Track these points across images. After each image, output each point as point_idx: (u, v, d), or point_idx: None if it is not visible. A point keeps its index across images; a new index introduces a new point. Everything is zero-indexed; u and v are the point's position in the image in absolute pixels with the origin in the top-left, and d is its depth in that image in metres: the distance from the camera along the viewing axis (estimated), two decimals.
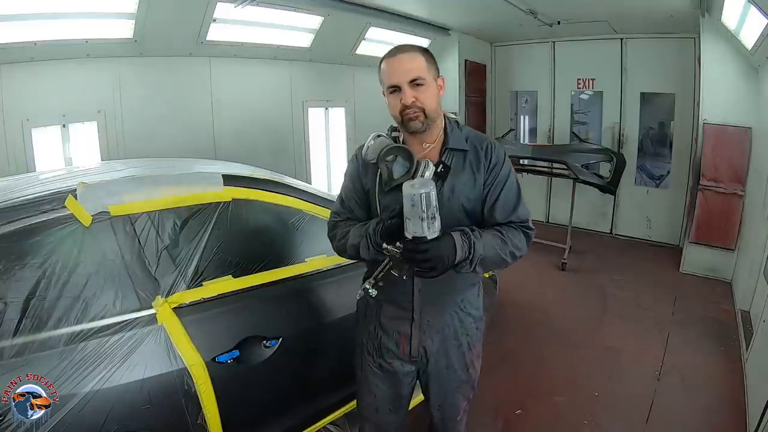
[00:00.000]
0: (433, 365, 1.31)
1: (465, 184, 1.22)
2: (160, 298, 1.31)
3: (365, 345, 1.37)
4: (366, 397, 1.39)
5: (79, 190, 1.26)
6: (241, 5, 3.06)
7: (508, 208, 1.23)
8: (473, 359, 1.35)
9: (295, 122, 4.15)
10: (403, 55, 1.17)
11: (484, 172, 1.23)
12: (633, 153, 4.78)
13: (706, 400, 2.27)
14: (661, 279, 3.84)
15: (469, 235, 1.13)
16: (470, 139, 1.26)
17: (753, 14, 2.71)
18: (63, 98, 2.79)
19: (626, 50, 4.71)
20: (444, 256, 1.07)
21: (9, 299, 1.11)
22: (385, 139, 1.25)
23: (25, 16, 2.44)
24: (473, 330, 1.33)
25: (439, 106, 1.23)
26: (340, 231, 1.29)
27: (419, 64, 1.17)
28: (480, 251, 1.13)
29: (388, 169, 1.18)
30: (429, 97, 1.18)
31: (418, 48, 1.21)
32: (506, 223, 1.23)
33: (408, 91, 1.16)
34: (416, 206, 1.02)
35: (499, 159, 1.24)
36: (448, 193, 1.21)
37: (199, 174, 1.58)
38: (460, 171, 1.23)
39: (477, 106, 5.58)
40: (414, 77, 1.16)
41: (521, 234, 1.23)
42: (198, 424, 1.31)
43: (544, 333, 2.93)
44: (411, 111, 1.17)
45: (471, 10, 4.31)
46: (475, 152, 1.24)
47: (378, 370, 1.34)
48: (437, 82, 1.22)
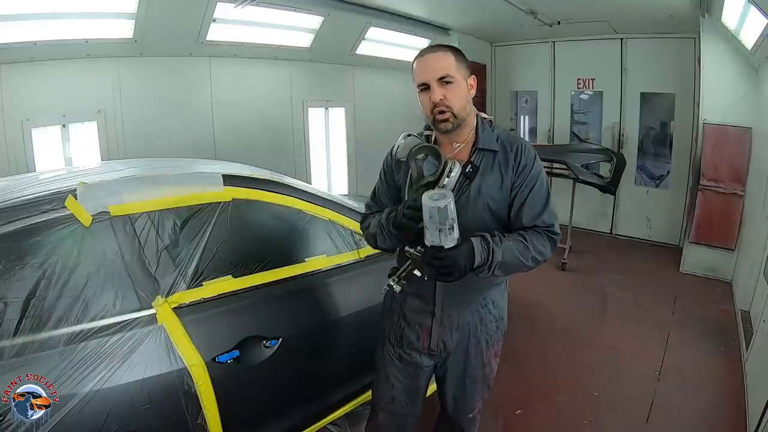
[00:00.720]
0: (451, 360, 1.34)
1: (492, 185, 1.23)
2: (160, 298, 1.31)
3: (388, 335, 1.39)
4: (383, 386, 1.40)
5: (79, 190, 1.26)
6: (241, 5, 3.06)
7: (534, 212, 1.23)
8: (491, 358, 1.37)
9: (295, 122, 4.15)
10: (433, 54, 1.20)
11: (513, 174, 1.23)
12: (633, 153, 4.78)
13: (706, 400, 2.27)
14: (661, 279, 3.84)
15: (489, 241, 1.14)
16: (501, 139, 1.26)
17: (753, 14, 2.71)
18: (63, 98, 2.79)
19: (626, 50, 4.71)
20: (461, 264, 1.10)
21: (9, 299, 1.11)
22: (416, 138, 1.26)
23: (25, 16, 2.44)
24: (493, 329, 1.35)
25: (470, 106, 1.24)
26: (367, 222, 1.36)
27: (449, 62, 1.18)
28: (499, 257, 1.14)
29: (418, 167, 1.19)
30: (457, 96, 1.19)
31: (449, 47, 1.22)
32: (532, 227, 1.23)
33: (437, 88, 1.18)
34: (434, 218, 1.05)
35: (529, 161, 1.24)
36: (475, 193, 1.22)
37: (199, 174, 1.58)
38: (489, 171, 1.23)
39: (477, 106, 5.40)
40: (443, 75, 1.17)
41: (545, 239, 1.23)
42: (198, 424, 1.31)
43: (544, 333, 2.93)
44: (440, 110, 1.18)
45: (471, 10, 4.30)
46: (504, 153, 1.24)
47: (398, 360, 1.36)
48: (468, 81, 1.23)
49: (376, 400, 1.44)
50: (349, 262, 1.77)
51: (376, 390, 1.44)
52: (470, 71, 1.24)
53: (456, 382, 1.37)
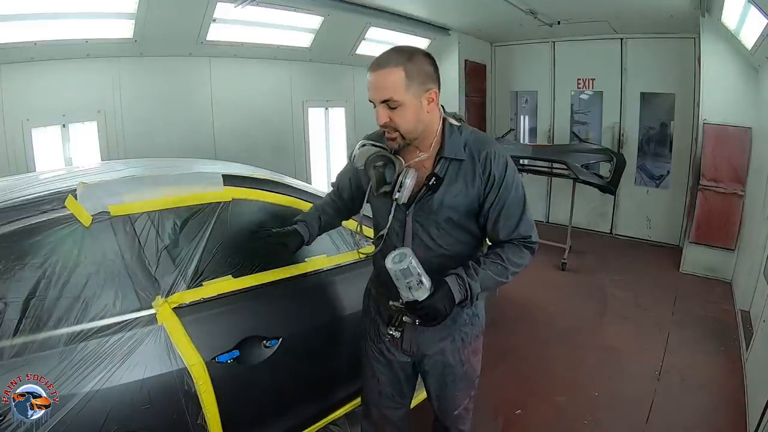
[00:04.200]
0: (429, 360, 1.33)
1: (456, 197, 1.18)
2: (160, 298, 1.31)
3: (368, 331, 1.41)
4: (370, 381, 1.42)
5: (79, 190, 1.26)
6: (241, 5, 3.06)
7: (510, 226, 1.20)
8: (469, 356, 1.35)
9: (295, 122, 4.15)
10: (380, 72, 1.09)
11: (480, 185, 1.18)
12: (633, 153, 4.78)
13: (706, 400, 2.27)
14: (661, 279, 3.84)
15: (464, 278, 1.14)
16: (469, 145, 1.18)
17: (753, 14, 2.71)
18: (63, 98, 2.79)
19: (626, 50, 4.71)
20: (441, 308, 1.12)
21: (9, 299, 1.11)
22: (371, 147, 1.22)
23: (25, 16, 2.44)
24: (468, 326, 1.33)
25: (428, 118, 1.15)
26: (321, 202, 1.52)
27: (395, 82, 1.07)
28: (477, 289, 1.15)
29: (378, 174, 1.18)
30: (404, 119, 1.11)
31: (403, 60, 1.08)
32: (508, 240, 1.22)
33: (381, 111, 1.11)
34: (400, 279, 1.10)
35: (499, 171, 1.16)
36: (437, 206, 1.19)
37: (199, 174, 1.58)
38: (453, 181, 1.18)
39: (477, 106, 5.58)
40: (386, 98, 1.09)
41: (522, 249, 1.21)
42: (198, 424, 1.31)
43: (544, 333, 2.93)
44: (387, 131, 1.15)
45: (471, 10, 4.31)
46: (471, 162, 1.17)
47: (380, 356, 1.38)
48: (425, 96, 1.12)
49: (365, 396, 1.46)
50: (349, 261, 1.77)
51: (364, 386, 1.46)
52: (432, 81, 1.12)
53: (437, 382, 1.36)
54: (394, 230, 1.25)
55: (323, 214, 1.48)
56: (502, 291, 3.00)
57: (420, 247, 1.21)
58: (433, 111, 1.17)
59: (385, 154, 1.19)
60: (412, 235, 1.23)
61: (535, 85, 5.40)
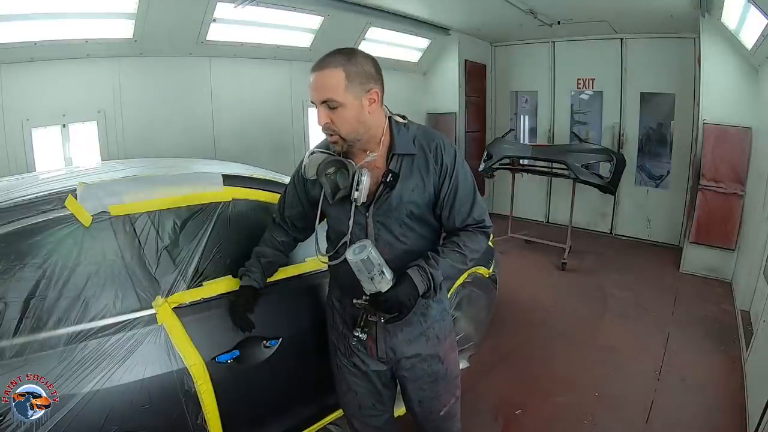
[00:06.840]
0: (406, 363, 1.31)
1: (414, 191, 1.20)
2: (160, 298, 1.31)
3: (337, 345, 1.38)
4: (346, 395, 1.40)
5: (79, 190, 1.26)
6: (241, 5, 3.06)
7: (463, 212, 1.24)
8: (447, 352, 1.35)
9: (295, 122, 4.15)
10: (320, 73, 1.10)
11: (435, 176, 1.20)
12: (633, 153, 4.78)
13: (706, 400, 2.27)
14: (661, 279, 3.84)
15: (425, 268, 1.15)
16: (418, 139, 1.21)
17: (753, 14, 2.71)
18: (63, 98, 2.79)
19: (626, 50, 4.71)
20: (405, 300, 1.12)
21: (9, 299, 1.11)
22: (320, 155, 1.21)
23: (25, 16, 2.44)
24: (439, 322, 1.33)
25: (371, 120, 1.16)
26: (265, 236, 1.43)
27: (335, 82, 1.08)
28: (440, 278, 1.16)
29: (332, 181, 1.19)
30: (345, 120, 1.11)
31: (343, 61, 1.10)
32: (463, 227, 1.24)
33: (321, 112, 1.12)
34: (361, 270, 1.11)
35: (449, 159, 1.20)
36: (397, 201, 1.20)
37: (199, 174, 1.58)
38: (409, 176, 1.20)
39: (477, 106, 5.58)
40: (325, 99, 1.10)
41: (478, 235, 1.25)
42: (198, 424, 1.31)
43: (544, 333, 2.93)
44: (329, 133, 1.15)
45: (471, 10, 4.31)
46: (423, 155, 1.20)
47: (354, 369, 1.35)
48: (366, 97, 1.12)
49: (345, 410, 1.45)
50: None
51: (341, 400, 1.44)
52: (374, 82, 1.13)
53: (418, 385, 1.33)
54: (355, 235, 1.23)
55: (262, 257, 1.40)
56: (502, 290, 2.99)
57: (384, 246, 1.21)
58: (376, 111, 1.17)
59: (335, 159, 1.18)
60: (375, 236, 1.22)
61: (535, 85, 5.40)
